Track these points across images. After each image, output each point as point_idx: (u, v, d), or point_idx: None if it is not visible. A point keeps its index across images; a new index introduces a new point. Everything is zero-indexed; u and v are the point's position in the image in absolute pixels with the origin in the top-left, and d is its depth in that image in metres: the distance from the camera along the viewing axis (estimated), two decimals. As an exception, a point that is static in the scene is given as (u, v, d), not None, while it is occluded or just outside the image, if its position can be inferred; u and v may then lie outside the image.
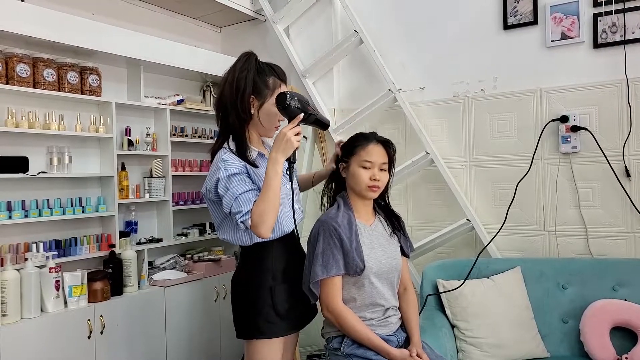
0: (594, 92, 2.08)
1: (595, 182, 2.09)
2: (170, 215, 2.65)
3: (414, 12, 2.48)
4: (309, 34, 2.74)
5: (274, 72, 1.45)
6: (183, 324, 2.48)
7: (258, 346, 1.40)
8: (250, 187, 1.35)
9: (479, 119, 2.33)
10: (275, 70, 1.46)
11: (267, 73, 1.44)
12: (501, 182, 2.27)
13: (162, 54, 2.55)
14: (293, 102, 1.33)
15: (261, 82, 1.42)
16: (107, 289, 2.18)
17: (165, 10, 2.88)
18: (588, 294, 1.87)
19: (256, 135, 1.48)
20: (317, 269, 1.39)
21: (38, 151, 2.22)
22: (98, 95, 2.36)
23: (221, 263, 2.73)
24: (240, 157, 1.38)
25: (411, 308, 1.54)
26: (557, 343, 1.86)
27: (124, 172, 2.47)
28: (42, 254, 2.05)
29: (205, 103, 2.98)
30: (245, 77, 1.40)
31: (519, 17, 2.22)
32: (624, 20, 2.01)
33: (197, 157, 2.95)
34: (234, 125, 1.41)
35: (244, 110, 1.40)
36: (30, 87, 2.10)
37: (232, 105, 1.41)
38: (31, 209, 2.10)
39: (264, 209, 1.28)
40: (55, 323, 1.97)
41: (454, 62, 2.38)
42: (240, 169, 1.36)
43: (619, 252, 2.04)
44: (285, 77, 1.51)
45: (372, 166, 1.45)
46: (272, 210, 1.29)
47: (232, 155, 1.38)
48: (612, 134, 2.05)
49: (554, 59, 2.16)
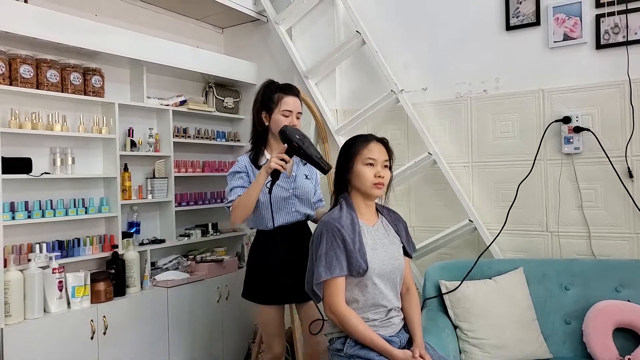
0: (596, 93, 2.08)
1: (597, 183, 2.08)
2: (173, 216, 2.66)
3: (416, 13, 2.48)
4: (311, 35, 2.74)
5: (279, 89, 1.79)
6: (186, 324, 2.49)
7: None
8: (242, 184, 1.75)
9: (482, 120, 2.33)
10: (281, 87, 1.80)
11: (274, 91, 1.79)
12: (503, 183, 2.27)
13: (165, 55, 2.56)
14: (291, 133, 1.60)
15: (268, 99, 1.79)
16: (110, 290, 2.19)
17: (167, 12, 2.88)
18: (591, 295, 1.87)
19: (276, 143, 1.78)
20: (321, 269, 1.39)
21: (41, 152, 2.23)
22: (101, 96, 2.37)
23: (224, 264, 2.73)
24: (252, 161, 1.79)
25: (414, 309, 1.54)
26: (559, 344, 1.86)
27: (126, 173, 2.47)
28: (45, 254, 2.05)
29: (208, 104, 2.99)
30: (260, 99, 1.81)
31: (521, 18, 2.22)
32: (627, 21, 2.01)
33: (200, 158, 2.96)
34: (255, 137, 1.84)
35: (260, 124, 1.81)
36: (34, 88, 2.11)
37: (253, 122, 1.84)
38: (34, 210, 2.11)
39: (237, 204, 1.69)
40: (58, 323, 1.98)
41: (456, 63, 2.38)
42: (242, 168, 1.78)
43: (622, 253, 2.03)
44: (293, 91, 1.81)
45: (376, 163, 1.45)
46: (242, 207, 1.67)
47: (244, 158, 1.81)
48: (614, 135, 2.05)
49: (557, 60, 2.16)
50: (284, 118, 1.75)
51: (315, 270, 1.41)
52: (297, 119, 1.79)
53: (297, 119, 1.80)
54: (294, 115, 1.78)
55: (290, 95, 1.79)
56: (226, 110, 3.06)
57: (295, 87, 1.84)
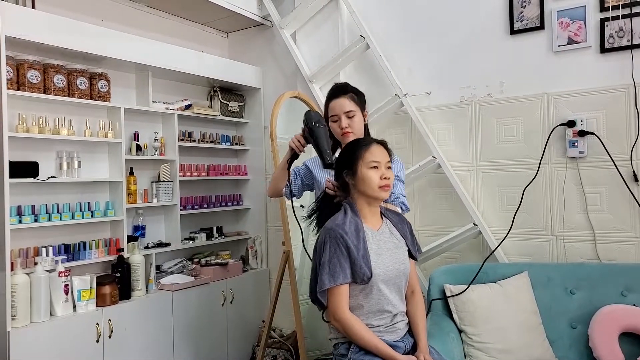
0: (601, 96, 2.08)
1: (603, 186, 2.08)
2: (178, 219, 2.67)
3: (420, 18, 2.49)
4: (315, 39, 2.76)
5: (328, 96, 1.77)
6: (190, 328, 2.49)
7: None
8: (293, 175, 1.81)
9: (486, 124, 2.33)
10: (329, 93, 1.78)
11: (327, 99, 1.78)
12: (508, 187, 2.27)
13: (170, 59, 2.57)
14: (309, 118, 1.63)
15: (325, 108, 1.81)
16: (115, 293, 2.20)
17: (172, 16, 2.91)
18: (596, 299, 1.86)
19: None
20: (324, 277, 1.38)
21: (48, 156, 2.25)
22: (107, 100, 2.39)
23: (228, 267, 2.74)
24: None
25: (419, 312, 1.53)
26: (565, 348, 1.85)
27: (132, 177, 2.49)
28: (51, 258, 2.07)
29: (213, 108, 3.00)
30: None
31: (525, 22, 2.22)
32: (631, 25, 2.01)
33: (205, 162, 2.97)
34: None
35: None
36: (41, 92, 2.13)
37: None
38: (41, 214, 2.12)
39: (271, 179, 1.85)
40: (64, 327, 1.99)
41: (460, 67, 2.38)
42: (299, 166, 1.85)
43: (628, 257, 2.03)
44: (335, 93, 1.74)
45: (380, 165, 1.45)
46: (272, 182, 1.81)
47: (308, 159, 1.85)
48: (619, 139, 2.05)
49: (561, 64, 2.16)
50: (334, 124, 1.71)
51: (318, 278, 1.40)
52: (348, 118, 1.69)
53: (350, 118, 1.69)
54: (342, 117, 1.69)
55: (334, 99, 1.73)
56: (231, 114, 3.08)
57: (339, 87, 1.75)
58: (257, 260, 3.03)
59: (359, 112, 1.72)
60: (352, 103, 1.71)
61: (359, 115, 1.72)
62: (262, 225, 3.08)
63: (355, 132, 1.70)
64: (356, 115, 1.71)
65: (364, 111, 1.76)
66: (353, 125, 1.70)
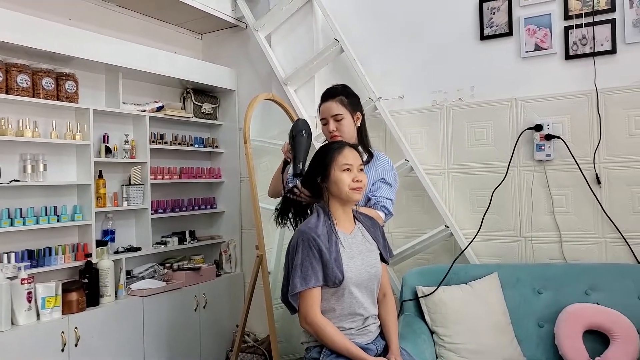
0: (566, 101, 2.15)
1: (568, 189, 2.15)
2: (149, 223, 2.61)
3: (394, 22, 2.52)
4: (290, 42, 2.75)
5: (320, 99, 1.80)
6: (162, 334, 2.44)
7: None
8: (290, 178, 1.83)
9: (457, 127, 2.37)
10: (321, 97, 1.79)
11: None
12: (479, 189, 2.31)
13: (142, 60, 2.52)
14: (295, 126, 1.68)
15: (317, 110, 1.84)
16: (82, 300, 2.13)
17: (145, 17, 2.85)
18: (562, 298, 1.91)
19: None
20: (296, 280, 1.38)
21: (11, 159, 2.17)
22: (75, 101, 2.32)
23: (201, 272, 2.70)
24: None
25: (390, 315, 1.54)
26: (533, 347, 1.89)
27: (101, 180, 2.42)
28: (13, 264, 1.99)
29: (186, 110, 2.96)
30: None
31: (494, 29, 2.28)
32: (594, 33, 2.09)
33: (177, 165, 2.92)
34: None
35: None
36: (3, 93, 2.05)
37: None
38: (2, 219, 2.04)
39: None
40: (26, 336, 1.91)
41: (432, 72, 2.42)
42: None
43: (591, 257, 2.09)
44: (324, 97, 1.77)
45: (352, 168, 1.46)
46: (271, 183, 1.90)
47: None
48: (583, 142, 2.12)
49: (529, 69, 2.22)
50: (324, 127, 1.75)
51: (290, 281, 1.40)
52: (336, 122, 1.70)
53: (338, 122, 1.70)
54: (330, 121, 1.71)
55: (323, 103, 1.76)
56: (204, 116, 3.04)
57: (329, 90, 1.77)
58: (231, 264, 3.00)
59: (348, 115, 1.73)
60: (340, 106, 1.72)
61: (348, 119, 1.72)
62: (236, 229, 3.05)
63: (345, 135, 1.71)
64: (345, 119, 1.71)
65: (355, 114, 1.75)
66: (341, 128, 1.71)
